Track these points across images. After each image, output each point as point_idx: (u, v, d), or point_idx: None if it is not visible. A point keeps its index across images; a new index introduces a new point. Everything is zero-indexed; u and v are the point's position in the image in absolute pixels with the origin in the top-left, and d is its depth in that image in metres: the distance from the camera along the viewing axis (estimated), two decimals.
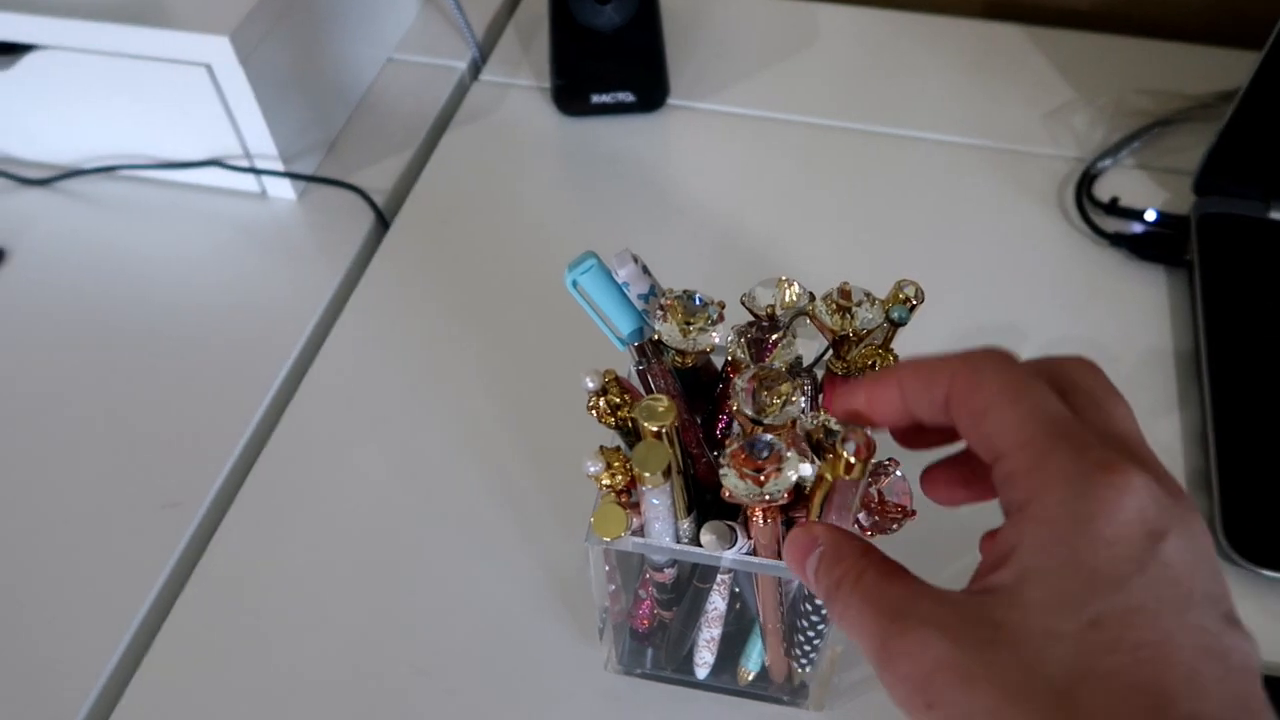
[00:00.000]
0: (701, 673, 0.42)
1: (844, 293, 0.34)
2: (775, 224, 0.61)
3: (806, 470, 0.30)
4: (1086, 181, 0.61)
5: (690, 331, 0.33)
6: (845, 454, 0.28)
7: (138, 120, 0.61)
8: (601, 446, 0.33)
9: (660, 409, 0.31)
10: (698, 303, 0.34)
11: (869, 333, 0.34)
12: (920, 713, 0.23)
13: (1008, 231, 0.60)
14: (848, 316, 0.34)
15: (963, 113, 0.67)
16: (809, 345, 0.37)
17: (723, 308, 0.35)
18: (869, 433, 0.28)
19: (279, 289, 0.59)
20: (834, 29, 0.74)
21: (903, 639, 0.23)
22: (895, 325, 0.34)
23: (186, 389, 0.54)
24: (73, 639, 0.45)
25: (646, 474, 0.31)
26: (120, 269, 0.60)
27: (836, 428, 0.31)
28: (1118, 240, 0.58)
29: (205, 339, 0.56)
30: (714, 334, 0.33)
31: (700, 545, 0.35)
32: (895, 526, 0.33)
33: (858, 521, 0.33)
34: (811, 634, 0.38)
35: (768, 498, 0.30)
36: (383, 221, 0.62)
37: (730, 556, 0.34)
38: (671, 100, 0.68)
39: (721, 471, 0.30)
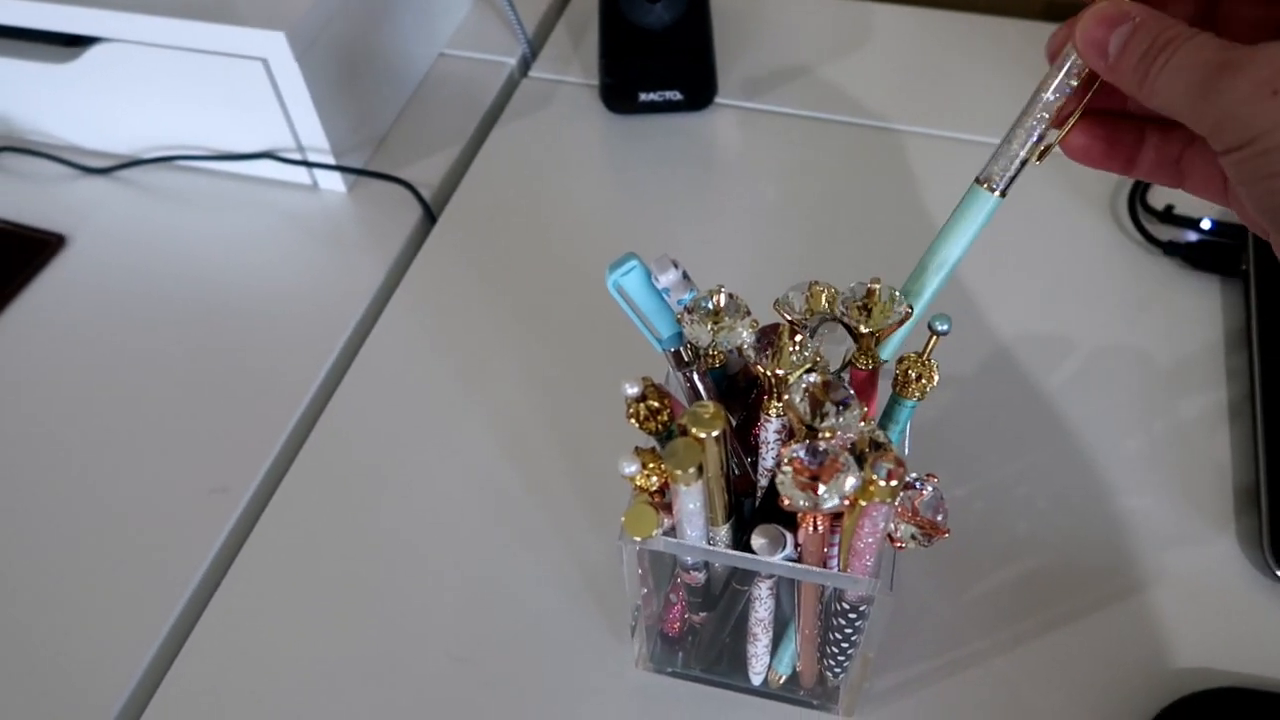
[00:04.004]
0: (757, 680, 0.42)
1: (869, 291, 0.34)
2: (823, 226, 0.61)
3: (852, 482, 0.30)
4: (1141, 188, 0.60)
5: (718, 331, 0.33)
6: (877, 478, 0.28)
7: (195, 112, 0.62)
8: (637, 447, 0.33)
9: (707, 415, 0.31)
10: (718, 304, 0.34)
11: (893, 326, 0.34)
12: (1268, 100, 0.23)
13: (1059, 238, 0.59)
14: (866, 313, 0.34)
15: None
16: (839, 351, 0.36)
17: (749, 313, 0.34)
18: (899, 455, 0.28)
19: (328, 279, 0.60)
20: (888, 29, 0.73)
21: (1240, 63, 0.24)
22: (937, 335, 0.34)
23: (236, 376, 0.55)
24: (119, 619, 0.47)
25: (679, 472, 0.32)
26: (175, 256, 0.62)
27: (882, 440, 0.31)
28: (1171, 249, 0.57)
29: (255, 327, 0.57)
30: (741, 332, 0.33)
31: (735, 550, 0.35)
32: (927, 543, 0.33)
33: (890, 537, 0.33)
34: (845, 643, 0.38)
35: (824, 506, 0.30)
36: (430, 215, 0.63)
37: (778, 561, 0.34)
38: (720, 99, 0.68)
39: (778, 479, 0.30)
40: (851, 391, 0.31)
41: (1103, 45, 0.28)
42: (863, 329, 0.33)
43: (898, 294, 0.34)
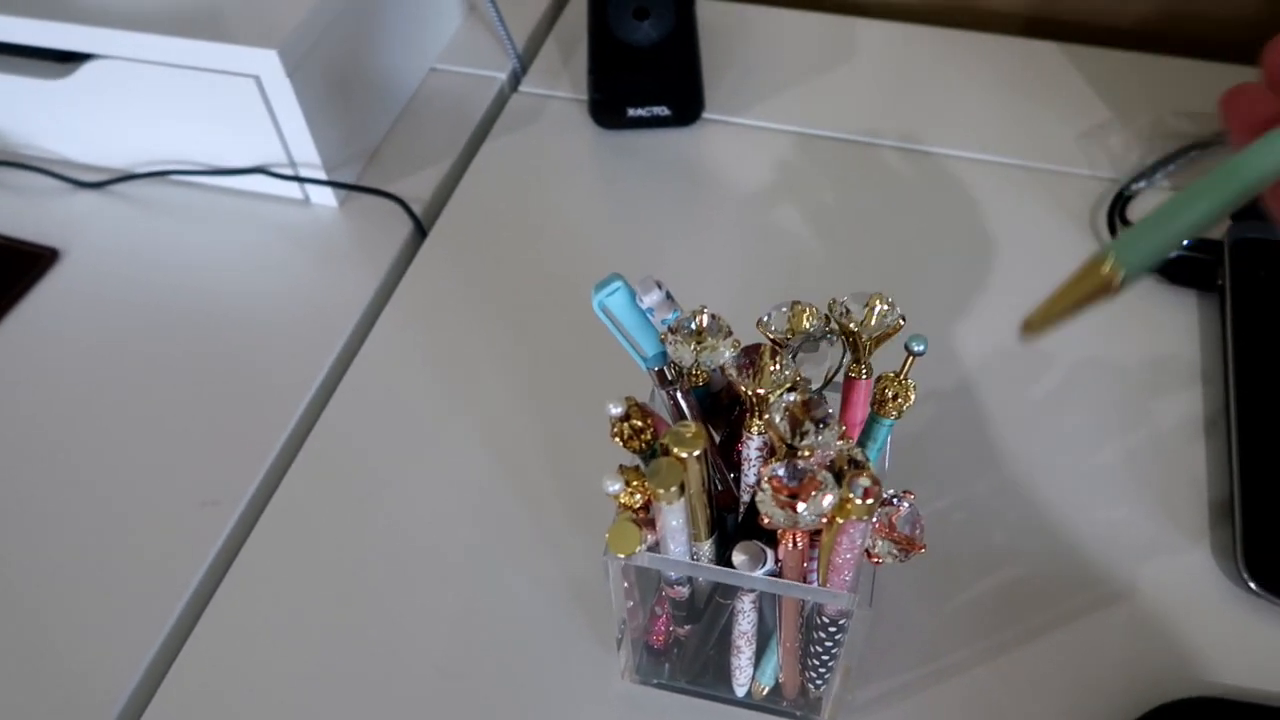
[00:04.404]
0: (741, 691, 0.43)
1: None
2: (808, 239, 0.62)
3: (829, 500, 0.31)
4: (1120, 203, 0.61)
5: (701, 351, 0.34)
6: (854, 496, 0.29)
7: (188, 128, 0.63)
8: (621, 465, 0.34)
9: (688, 435, 0.32)
10: (700, 325, 0.35)
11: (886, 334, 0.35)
12: None
13: (1040, 252, 0.60)
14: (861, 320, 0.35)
15: (999, 131, 0.67)
16: (819, 370, 0.37)
17: (731, 334, 0.35)
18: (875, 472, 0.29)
19: (319, 293, 0.60)
20: (872, 44, 0.74)
21: None
22: (913, 355, 0.35)
23: (228, 389, 0.56)
24: (111, 633, 0.47)
25: (660, 490, 0.32)
26: (168, 270, 0.62)
27: (860, 458, 0.32)
28: None
29: (247, 341, 0.58)
30: (724, 351, 0.34)
31: (718, 565, 0.36)
32: (904, 558, 0.34)
33: (867, 552, 0.34)
34: (826, 655, 0.39)
35: (802, 523, 0.31)
36: (421, 230, 0.64)
37: (758, 577, 0.35)
38: (707, 114, 0.69)
39: (758, 497, 0.31)
40: (830, 410, 0.32)
41: None
42: (856, 330, 0.35)
43: (892, 303, 0.35)
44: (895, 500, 0.34)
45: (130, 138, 0.65)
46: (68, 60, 0.62)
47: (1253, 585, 0.45)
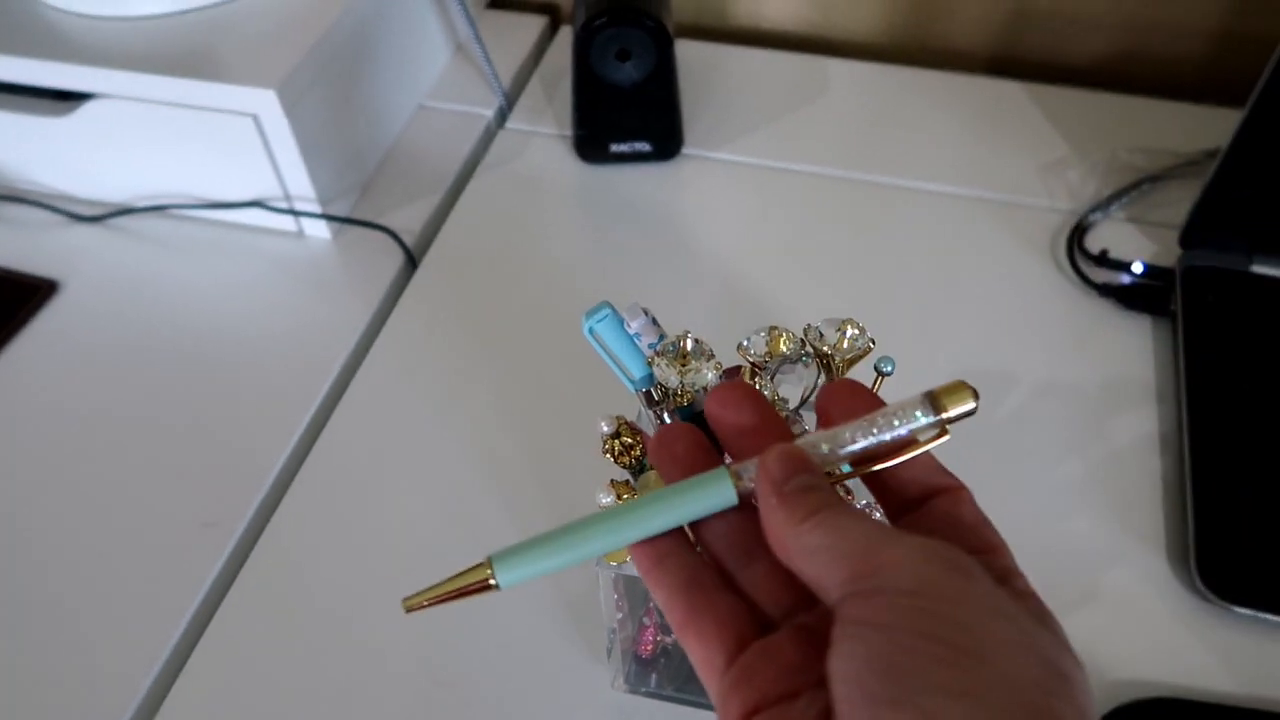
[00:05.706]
0: None
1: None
2: (782, 269, 0.65)
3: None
4: (1078, 233, 0.65)
5: (686, 373, 0.37)
6: None
7: (186, 163, 0.65)
8: (612, 479, 0.36)
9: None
10: (684, 348, 0.37)
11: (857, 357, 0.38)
12: None
13: (1002, 280, 0.63)
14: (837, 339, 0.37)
15: (963, 165, 0.71)
16: (795, 391, 0.40)
17: (712, 356, 0.38)
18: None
19: (314, 323, 0.62)
20: (843, 83, 0.77)
21: None
22: (882, 375, 0.38)
23: (226, 415, 0.58)
24: (114, 652, 0.49)
25: None
26: (166, 301, 0.64)
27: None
28: (1106, 291, 0.61)
29: (245, 368, 0.60)
30: (707, 373, 0.36)
31: None
32: None
33: None
34: None
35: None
36: (412, 261, 0.66)
37: None
38: (686, 150, 0.72)
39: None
40: (807, 427, 0.35)
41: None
42: (829, 353, 0.37)
43: (862, 327, 0.37)
44: (867, 508, 0.37)
45: (129, 173, 0.67)
46: (69, 99, 0.64)
47: (1206, 591, 0.48)
